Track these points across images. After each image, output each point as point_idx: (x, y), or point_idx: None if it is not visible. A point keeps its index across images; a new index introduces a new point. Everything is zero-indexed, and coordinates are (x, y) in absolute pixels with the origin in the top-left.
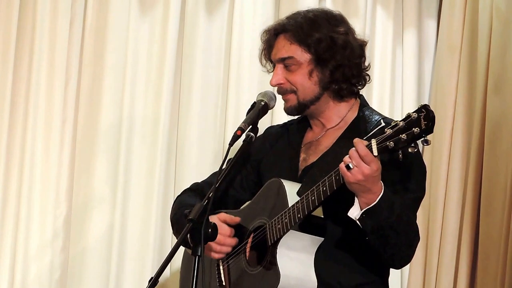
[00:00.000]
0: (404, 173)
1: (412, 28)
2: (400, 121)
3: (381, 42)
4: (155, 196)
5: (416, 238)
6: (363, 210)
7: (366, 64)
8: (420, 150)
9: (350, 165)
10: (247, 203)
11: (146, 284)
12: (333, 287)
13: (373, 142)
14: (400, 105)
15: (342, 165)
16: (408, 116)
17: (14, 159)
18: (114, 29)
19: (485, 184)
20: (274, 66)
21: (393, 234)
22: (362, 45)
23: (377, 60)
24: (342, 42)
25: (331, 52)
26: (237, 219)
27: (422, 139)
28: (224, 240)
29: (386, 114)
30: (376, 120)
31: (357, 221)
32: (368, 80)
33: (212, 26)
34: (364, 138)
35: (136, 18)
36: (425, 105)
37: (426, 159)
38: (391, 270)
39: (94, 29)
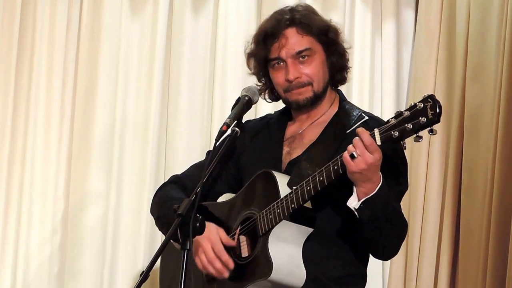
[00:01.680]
0: (391, 167)
1: (390, 18)
2: (405, 110)
3: (360, 33)
4: (146, 191)
5: (405, 231)
6: (362, 200)
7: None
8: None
9: (354, 154)
10: (230, 195)
11: (138, 275)
12: (318, 279)
13: (376, 131)
14: (380, 94)
15: (346, 154)
16: (414, 105)
17: (16, 158)
18: (107, 29)
19: (465, 172)
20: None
21: (387, 225)
22: None
23: (357, 50)
24: (338, 30)
25: (336, 40)
26: (233, 243)
27: (429, 128)
28: (213, 259)
29: (366, 103)
30: (357, 114)
31: (355, 211)
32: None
33: (198, 24)
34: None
35: (127, 19)
36: (431, 95)
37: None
38: (373, 261)
39: (89, 30)
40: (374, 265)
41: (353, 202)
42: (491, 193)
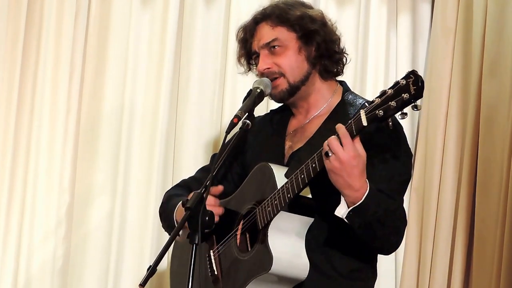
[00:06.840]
0: (391, 157)
1: (406, 11)
2: (389, 89)
3: (376, 26)
4: (154, 184)
5: (403, 224)
6: (350, 209)
7: (341, 46)
8: (414, 135)
9: (329, 152)
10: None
11: (145, 271)
12: (327, 273)
13: (362, 112)
14: None
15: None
16: (397, 83)
17: (21, 149)
18: (116, 20)
19: (481, 169)
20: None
21: (380, 227)
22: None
23: (372, 44)
24: (320, 19)
25: (314, 27)
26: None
27: (412, 104)
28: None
29: None
30: (360, 104)
31: (345, 219)
32: (347, 61)
33: (210, 15)
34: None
35: (138, 9)
36: (413, 70)
37: (420, 143)
38: (385, 259)
39: (98, 21)
40: (386, 263)
41: (341, 211)
42: (506, 189)
